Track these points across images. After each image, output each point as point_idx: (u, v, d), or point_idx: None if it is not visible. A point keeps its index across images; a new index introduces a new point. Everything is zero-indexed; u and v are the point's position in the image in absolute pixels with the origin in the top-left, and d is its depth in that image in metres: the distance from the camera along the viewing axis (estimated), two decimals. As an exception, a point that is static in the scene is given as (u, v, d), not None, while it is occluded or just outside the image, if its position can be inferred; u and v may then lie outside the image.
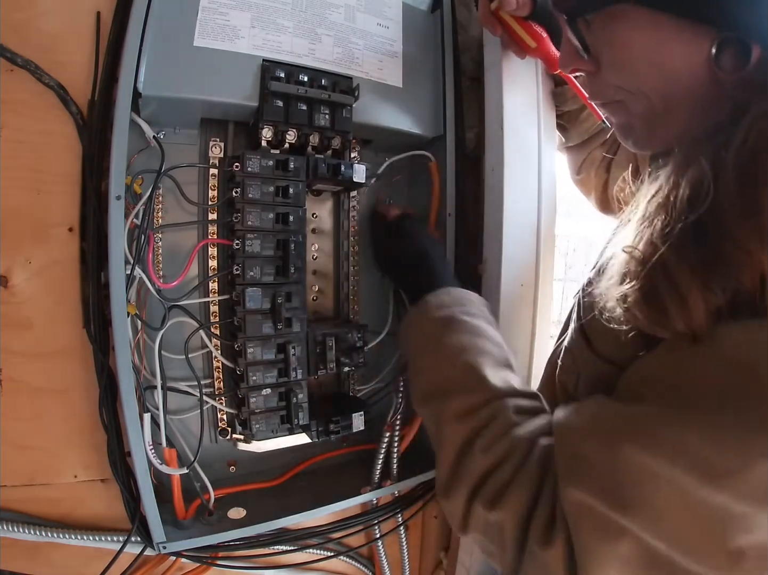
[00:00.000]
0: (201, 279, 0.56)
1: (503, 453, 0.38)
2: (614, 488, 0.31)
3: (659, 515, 0.30)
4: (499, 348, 0.47)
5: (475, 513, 0.39)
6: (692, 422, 0.30)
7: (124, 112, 0.46)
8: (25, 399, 0.51)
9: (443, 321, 0.47)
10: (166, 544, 0.50)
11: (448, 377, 0.45)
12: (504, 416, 0.40)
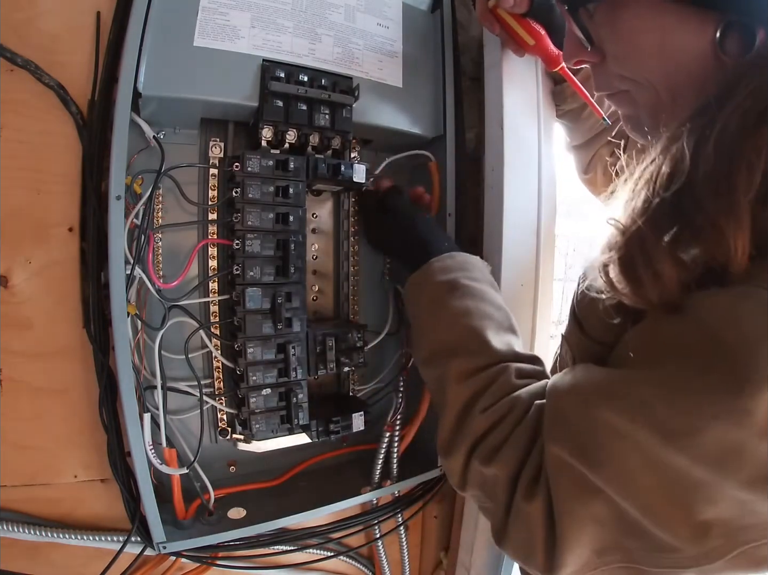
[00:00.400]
0: (201, 279, 0.56)
1: (502, 414, 0.40)
2: (588, 446, 0.33)
3: (627, 476, 0.31)
4: (502, 312, 0.48)
5: (473, 469, 0.40)
6: (656, 382, 0.31)
7: (124, 112, 0.46)
8: (25, 399, 0.51)
9: (447, 285, 0.48)
10: (166, 544, 0.50)
11: (452, 339, 0.46)
12: (505, 379, 0.42)
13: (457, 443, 0.42)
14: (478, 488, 0.41)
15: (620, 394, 0.33)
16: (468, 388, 0.43)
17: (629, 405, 0.31)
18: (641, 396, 0.31)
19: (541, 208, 0.62)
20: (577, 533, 0.33)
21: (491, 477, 0.39)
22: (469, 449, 0.41)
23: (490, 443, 0.39)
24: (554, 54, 0.52)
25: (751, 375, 0.27)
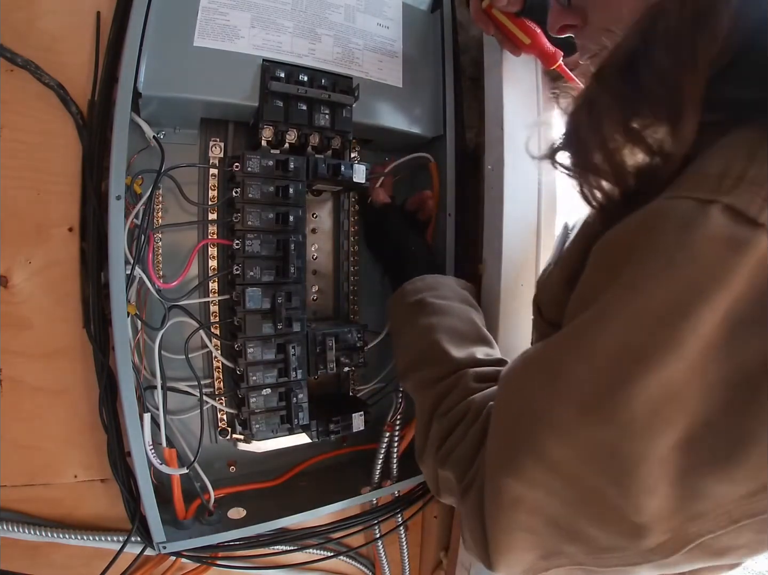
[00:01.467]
0: (201, 279, 0.56)
1: (458, 419, 0.41)
2: (509, 444, 0.31)
3: (550, 465, 0.28)
4: (468, 325, 0.50)
5: (442, 476, 0.41)
6: (570, 338, 0.28)
7: (124, 112, 0.46)
8: (25, 399, 0.51)
9: (414, 306, 0.52)
10: (166, 544, 0.50)
11: (418, 353, 0.49)
12: (462, 385, 0.43)
13: (426, 451, 0.44)
14: (448, 493, 0.42)
15: (534, 365, 0.31)
16: (431, 396, 0.45)
17: (544, 379, 0.29)
18: (554, 359, 0.29)
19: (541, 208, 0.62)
20: (507, 539, 0.31)
21: (447, 478, 0.40)
22: (434, 455, 0.42)
23: (447, 447, 0.40)
24: (551, 51, 0.51)
25: (675, 298, 0.24)
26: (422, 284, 0.54)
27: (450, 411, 0.42)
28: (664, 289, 0.24)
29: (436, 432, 0.42)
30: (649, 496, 0.25)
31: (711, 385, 0.24)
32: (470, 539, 0.35)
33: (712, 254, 0.23)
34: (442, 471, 0.40)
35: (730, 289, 0.23)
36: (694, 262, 0.24)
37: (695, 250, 0.24)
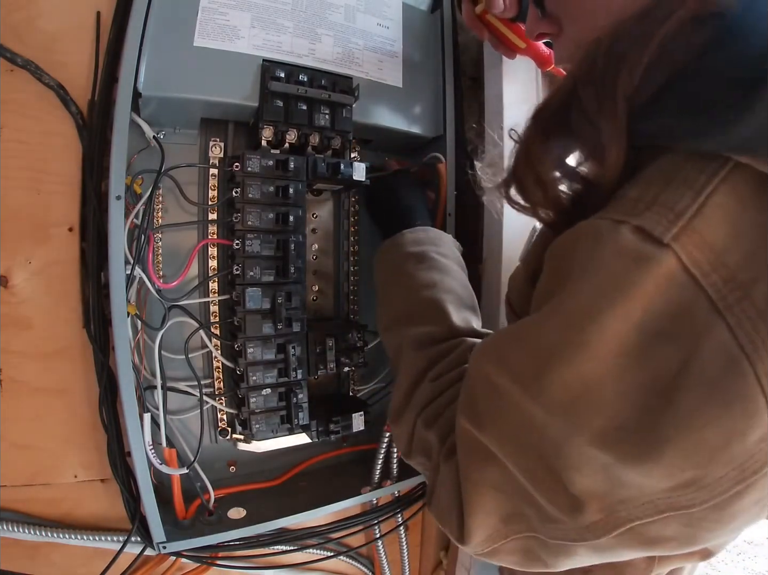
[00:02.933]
0: (201, 279, 0.56)
1: (449, 383, 0.41)
2: (477, 406, 0.33)
3: (506, 435, 0.30)
4: (466, 291, 0.49)
5: (417, 435, 0.41)
6: (519, 326, 0.31)
7: (124, 112, 0.46)
8: (25, 399, 0.51)
9: (416, 256, 0.49)
10: (166, 544, 0.50)
11: (414, 307, 0.47)
12: (459, 352, 0.43)
13: (407, 409, 0.43)
14: (421, 454, 0.41)
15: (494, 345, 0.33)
16: (424, 358, 0.43)
17: (498, 355, 0.32)
18: (502, 343, 0.32)
19: (541, 208, 0.62)
20: (478, 498, 0.32)
21: (430, 442, 0.40)
22: (416, 415, 0.41)
23: (433, 410, 0.40)
24: (546, 54, 0.52)
25: (586, 303, 0.26)
26: (424, 235, 0.52)
27: (442, 376, 0.41)
28: (579, 296, 0.27)
29: (425, 394, 0.42)
30: (577, 473, 0.27)
31: (627, 389, 0.25)
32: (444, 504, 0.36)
33: (619, 267, 0.26)
34: (424, 432, 0.40)
35: (635, 300, 0.25)
36: (602, 272, 0.26)
37: (604, 262, 0.26)
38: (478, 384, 0.33)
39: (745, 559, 1.29)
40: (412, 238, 0.51)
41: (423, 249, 0.50)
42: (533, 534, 0.32)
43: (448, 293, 0.47)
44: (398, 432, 0.44)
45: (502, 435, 0.30)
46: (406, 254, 0.50)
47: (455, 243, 0.55)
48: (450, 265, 0.50)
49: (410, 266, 0.49)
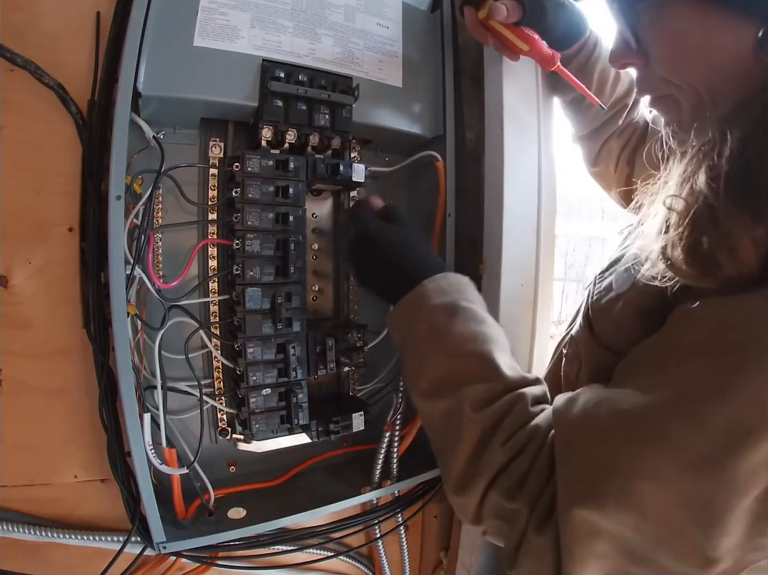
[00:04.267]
0: (201, 279, 0.56)
1: (522, 445, 0.38)
2: (597, 483, 0.32)
3: (640, 509, 0.30)
4: (501, 335, 0.46)
5: (491, 503, 0.39)
6: (677, 404, 0.30)
7: (124, 112, 0.46)
8: (25, 399, 0.51)
9: (446, 309, 0.45)
10: (166, 544, 0.50)
11: (461, 367, 0.43)
12: (520, 408, 0.40)
13: (475, 478, 0.39)
14: (494, 518, 0.39)
15: (636, 422, 0.32)
16: (485, 419, 0.40)
17: (648, 434, 0.31)
18: (661, 423, 0.30)
19: (541, 208, 0.62)
20: (581, 569, 0.32)
21: (513, 511, 0.37)
22: (488, 483, 0.38)
23: (511, 476, 0.37)
24: (549, 55, 0.52)
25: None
26: (446, 284, 0.46)
27: (511, 440, 0.38)
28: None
29: (496, 459, 0.38)
30: (727, 537, 0.28)
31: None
32: (534, 571, 0.35)
33: None
34: (505, 502, 0.37)
35: None
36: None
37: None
38: (605, 461, 0.32)
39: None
40: (434, 287, 0.46)
41: (450, 299, 0.45)
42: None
43: (491, 343, 0.43)
44: (465, 501, 0.40)
45: (635, 510, 0.30)
46: (433, 308, 0.45)
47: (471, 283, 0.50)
48: (480, 311, 0.46)
49: (442, 320, 0.44)
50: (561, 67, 0.52)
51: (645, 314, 0.37)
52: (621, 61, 0.41)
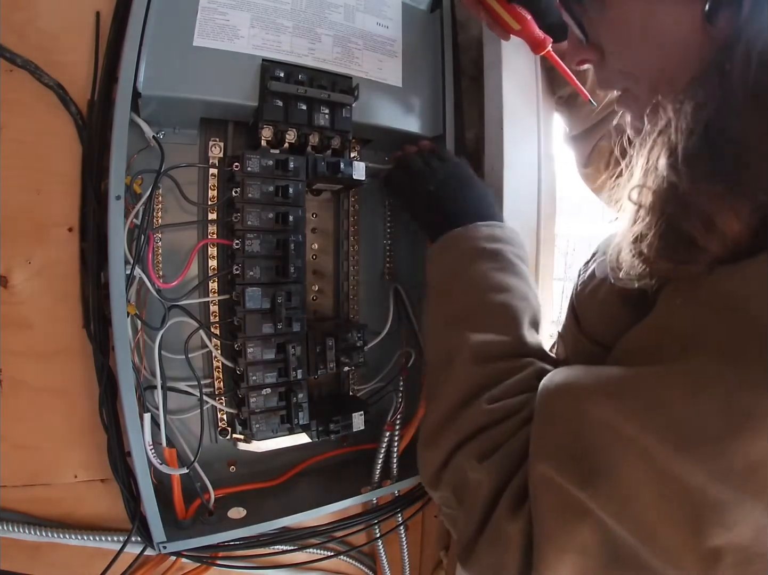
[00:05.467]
0: (201, 279, 0.56)
1: (509, 413, 0.36)
2: (579, 456, 0.29)
3: (627, 492, 0.27)
4: (538, 304, 0.44)
5: (455, 466, 0.36)
6: (675, 378, 0.27)
7: (124, 112, 0.46)
8: (25, 399, 0.51)
9: (491, 254, 0.43)
10: (166, 544, 0.50)
11: (481, 309, 0.40)
12: (525, 376, 0.37)
13: (449, 431, 0.37)
14: (451, 490, 0.36)
15: (627, 392, 0.28)
16: (483, 373, 0.37)
17: (639, 406, 0.27)
18: (655, 395, 0.27)
19: (540, 207, 0.62)
20: (556, 562, 0.29)
21: (473, 481, 0.34)
22: (461, 440, 0.36)
23: (485, 442, 0.35)
24: (540, 38, 0.51)
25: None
26: (501, 232, 0.45)
27: (503, 400, 0.36)
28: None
29: (476, 418, 0.36)
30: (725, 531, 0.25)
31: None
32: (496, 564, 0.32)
33: None
34: (469, 467, 0.34)
35: None
36: None
37: None
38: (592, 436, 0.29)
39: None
40: (488, 232, 0.44)
41: (500, 247, 0.43)
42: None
43: (523, 301, 0.41)
44: (428, 456, 0.38)
45: (621, 490, 0.27)
46: (479, 249, 0.43)
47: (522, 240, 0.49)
48: (526, 271, 0.44)
49: (483, 263, 0.42)
50: (551, 53, 0.51)
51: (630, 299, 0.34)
52: (576, 58, 0.41)
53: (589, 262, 0.43)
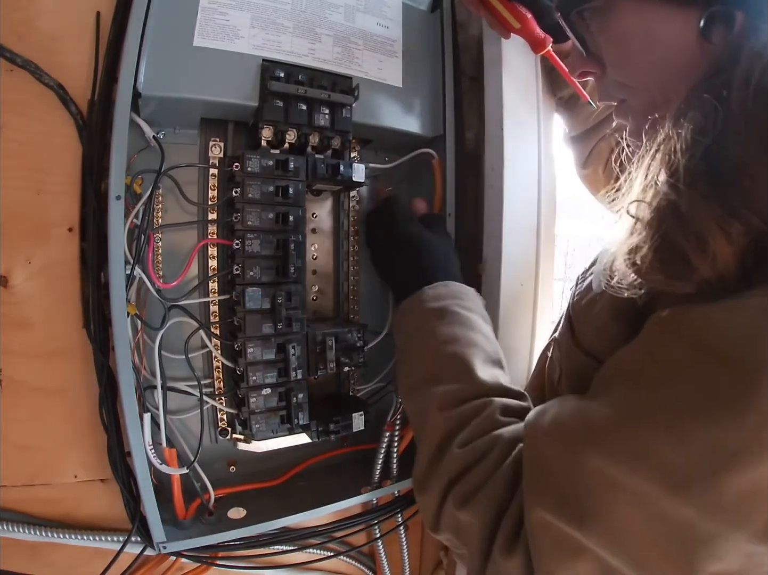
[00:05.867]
0: (201, 279, 0.56)
1: (482, 453, 0.37)
2: (572, 500, 0.30)
3: (619, 531, 0.28)
4: (491, 344, 0.46)
5: (447, 512, 0.38)
6: (658, 420, 0.28)
7: (124, 112, 0.46)
8: (25, 399, 0.51)
9: (437, 312, 0.46)
10: (166, 544, 0.50)
11: (436, 367, 0.44)
12: (488, 414, 0.39)
13: (432, 479, 0.39)
14: (451, 533, 0.38)
15: (614, 439, 0.30)
16: (449, 420, 0.40)
17: (627, 452, 0.29)
18: (643, 442, 0.28)
19: (541, 208, 0.62)
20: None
21: (465, 523, 0.36)
22: (445, 488, 0.38)
23: (466, 485, 0.36)
24: (540, 37, 0.51)
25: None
26: (446, 290, 0.48)
27: (472, 442, 0.38)
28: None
29: (453, 463, 0.38)
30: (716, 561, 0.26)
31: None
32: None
33: None
34: (457, 512, 0.36)
35: None
36: None
37: None
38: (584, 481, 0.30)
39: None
40: (432, 293, 0.48)
41: (444, 304, 0.46)
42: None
43: (472, 347, 0.43)
44: (423, 503, 0.40)
45: (615, 531, 0.28)
46: (426, 311, 0.46)
47: (478, 296, 0.52)
48: (473, 318, 0.47)
49: (431, 323, 0.45)
50: (551, 52, 0.52)
51: (623, 315, 0.35)
52: (578, 70, 0.42)
53: (587, 272, 0.44)
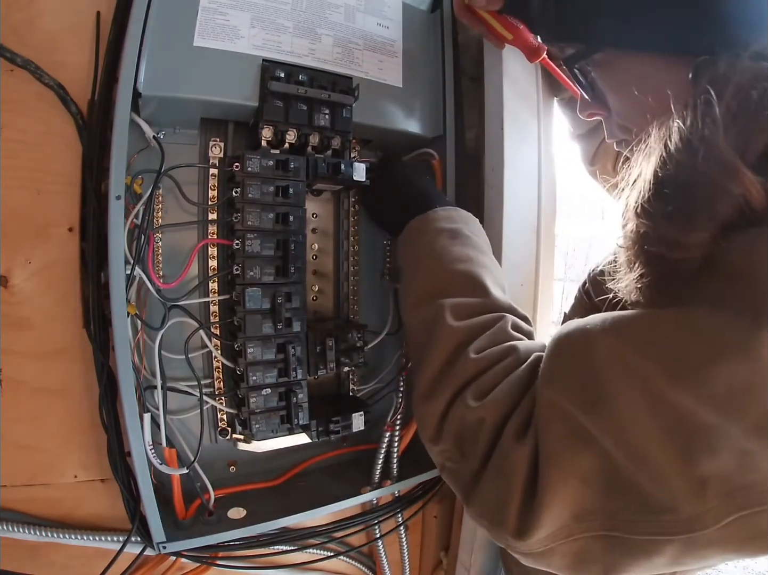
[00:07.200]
0: (201, 279, 0.56)
1: (497, 358, 0.39)
2: (586, 384, 0.32)
3: (625, 419, 0.30)
4: (498, 271, 0.48)
5: (454, 415, 0.38)
6: (673, 316, 0.30)
7: (124, 112, 0.46)
8: (25, 399, 0.51)
9: (450, 233, 0.48)
10: (166, 544, 0.50)
11: (449, 280, 0.45)
12: (501, 327, 0.41)
13: (443, 385, 0.40)
14: (452, 440, 0.39)
15: (632, 328, 0.32)
16: (464, 328, 0.41)
17: (638, 338, 0.31)
18: (651, 330, 0.31)
19: (541, 208, 0.62)
20: (561, 487, 0.31)
21: (475, 422, 0.37)
22: (456, 391, 0.39)
23: (481, 385, 0.38)
24: (534, 46, 0.51)
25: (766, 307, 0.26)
26: (456, 214, 0.50)
27: (486, 350, 0.39)
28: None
29: (469, 367, 0.39)
30: (711, 456, 0.27)
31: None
32: (501, 492, 0.34)
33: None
34: (467, 410, 0.37)
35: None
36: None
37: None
38: (599, 365, 0.31)
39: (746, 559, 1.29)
40: (444, 214, 0.50)
41: (456, 226, 0.49)
42: (606, 533, 0.31)
43: (485, 268, 0.46)
44: (426, 411, 0.40)
45: (622, 416, 0.30)
46: (438, 229, 0.48)
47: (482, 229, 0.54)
48: (483, 244, 0.49)
49: (443, 241, 0.47)
50: (546, 60, 0.52)
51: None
52: (587, 112, 0.45)
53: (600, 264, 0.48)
